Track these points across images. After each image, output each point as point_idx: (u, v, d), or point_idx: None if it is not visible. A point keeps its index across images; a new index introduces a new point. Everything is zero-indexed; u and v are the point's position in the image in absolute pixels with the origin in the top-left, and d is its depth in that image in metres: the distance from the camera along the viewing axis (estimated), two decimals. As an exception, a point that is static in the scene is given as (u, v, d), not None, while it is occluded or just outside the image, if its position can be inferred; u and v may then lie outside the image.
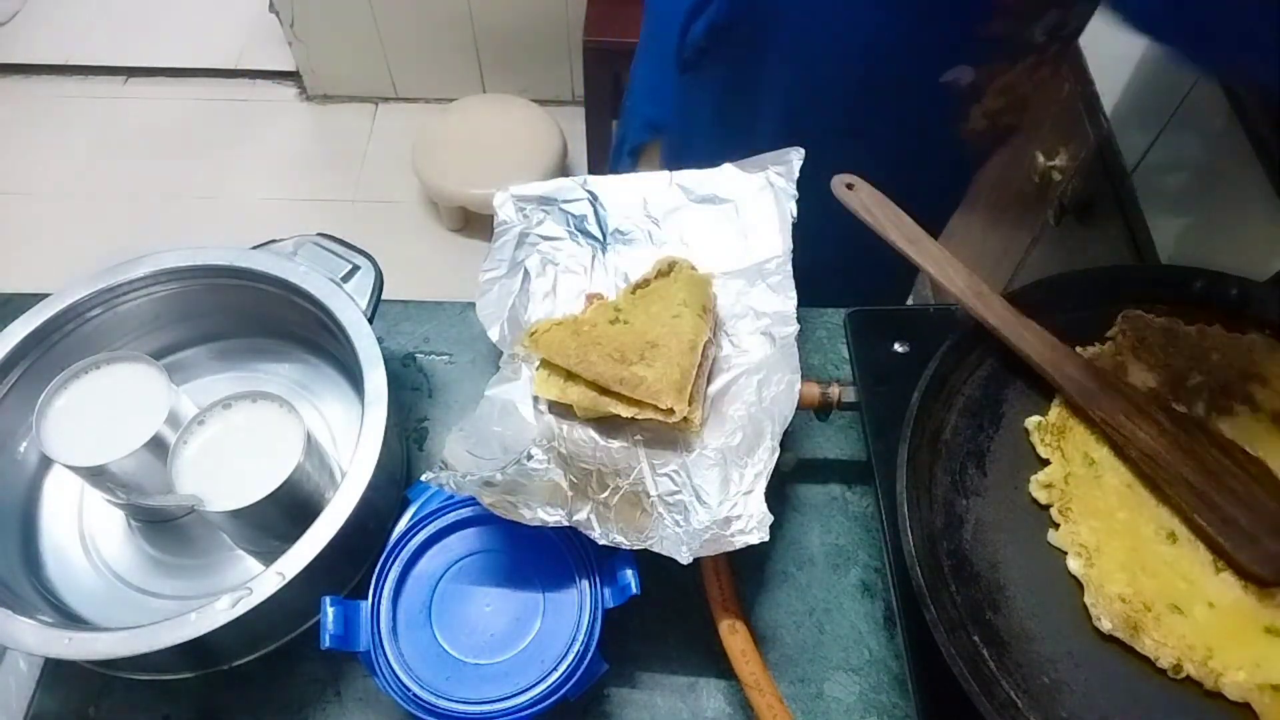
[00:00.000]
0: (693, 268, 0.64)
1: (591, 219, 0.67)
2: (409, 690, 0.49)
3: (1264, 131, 0.78)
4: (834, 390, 0.61)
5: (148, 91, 2.42)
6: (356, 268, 0.64)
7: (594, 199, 0.68)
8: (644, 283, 0.64)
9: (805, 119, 0.78)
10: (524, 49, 2.14)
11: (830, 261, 0.69)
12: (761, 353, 0.61)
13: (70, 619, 0.57)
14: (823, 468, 0.67)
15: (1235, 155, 0.83)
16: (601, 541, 0.51)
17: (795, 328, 0.60)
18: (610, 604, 0.52)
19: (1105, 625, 0.49)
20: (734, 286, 0.65)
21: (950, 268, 0.59)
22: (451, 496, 0.56)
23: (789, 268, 0.63)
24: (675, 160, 0.88)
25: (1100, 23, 1.02)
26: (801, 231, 0.64)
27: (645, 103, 0.93)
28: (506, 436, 0.57)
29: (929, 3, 0.69)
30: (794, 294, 0.62)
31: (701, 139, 0.87)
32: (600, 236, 0.67)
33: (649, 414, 0.56)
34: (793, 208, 0.65)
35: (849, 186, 0.61)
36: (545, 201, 0.68)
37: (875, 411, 0.63)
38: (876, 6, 0.69)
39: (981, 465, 0.56)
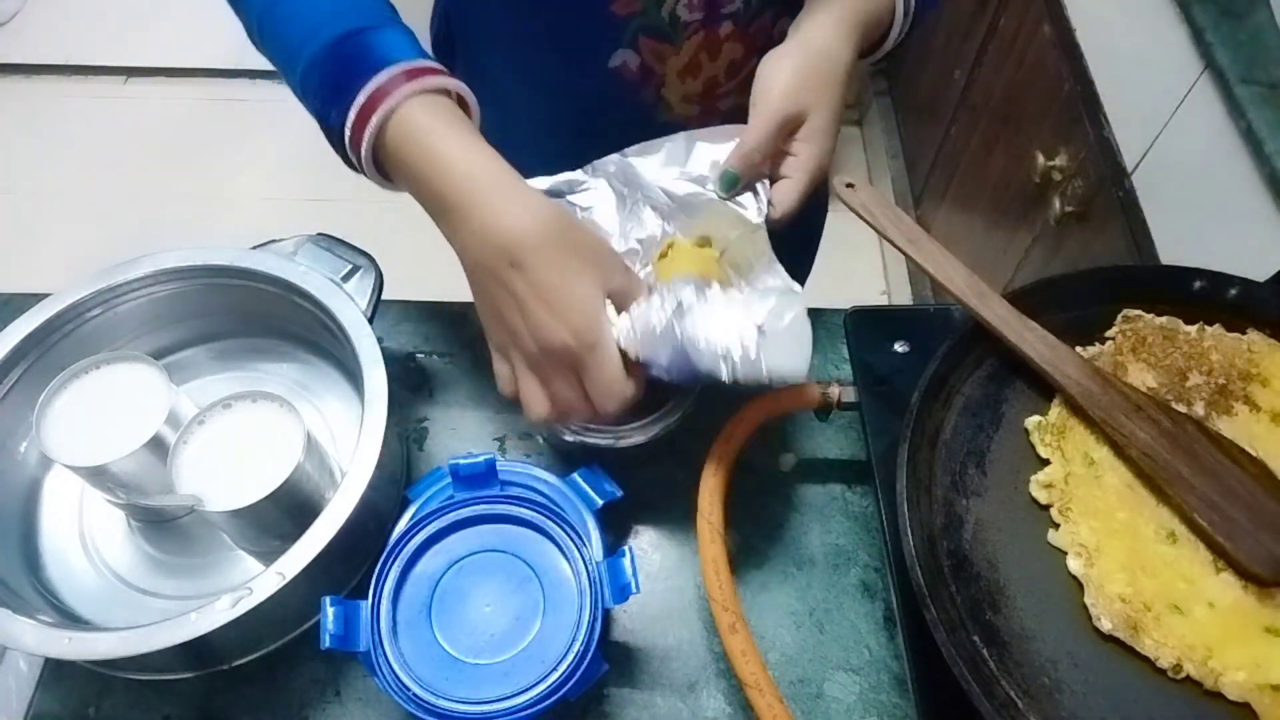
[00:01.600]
0: (694, 244, 0.63)
1: (598, 210, 0.66)
2: (409, 690, 0.49)
3: (1263, 131, 0.79)
4: (834, 390, 0.61)
5: (148, 91, 2.42)
6: (356, 268, 0.65)
7: (606, 182, 0.64)
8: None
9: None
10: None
11: None
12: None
13: (70, 619, 0.57)
14: (823, 468, 0.67)
15: (1235, 155, 0.83)
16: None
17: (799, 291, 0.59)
18: (610, 604, 0.52)
19: (1105, 625, 0.49)
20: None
21: (950, 268, 0.59)
22: (451, 496, 0.56)
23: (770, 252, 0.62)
24: None
25: (1100, 22, 1.02)
26: None
27: None
28: None
29: None
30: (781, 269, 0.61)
31: None
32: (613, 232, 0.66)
33: None
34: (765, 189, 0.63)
35: (849, 185, 0.61)
36: (553, 194, 0.67)
37: (875, 411, 0.63)
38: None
39: (981, 465, 0.56)
